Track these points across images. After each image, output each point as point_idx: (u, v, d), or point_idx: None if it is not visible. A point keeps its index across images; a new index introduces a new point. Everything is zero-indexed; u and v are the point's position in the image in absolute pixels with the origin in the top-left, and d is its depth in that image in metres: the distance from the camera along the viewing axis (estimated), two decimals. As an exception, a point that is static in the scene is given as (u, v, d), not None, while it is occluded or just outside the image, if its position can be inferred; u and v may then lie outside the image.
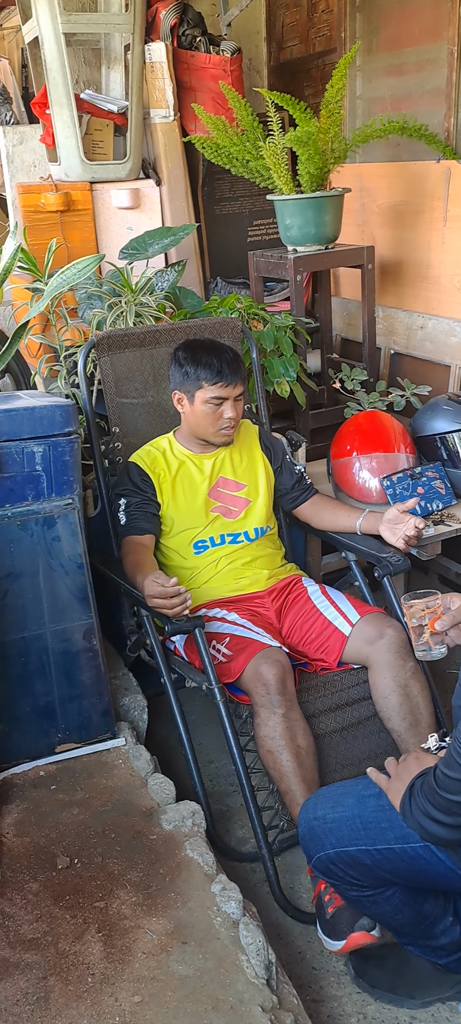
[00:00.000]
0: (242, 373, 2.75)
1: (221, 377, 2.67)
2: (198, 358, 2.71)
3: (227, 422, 2.71)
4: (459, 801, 1.57)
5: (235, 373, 2.70)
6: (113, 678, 2.79)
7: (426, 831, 1.66)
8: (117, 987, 1.74)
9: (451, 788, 1.58)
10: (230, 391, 2.69)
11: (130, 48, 4.00)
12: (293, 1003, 1.83)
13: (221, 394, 2.68)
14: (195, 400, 2.71)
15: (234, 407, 2.72)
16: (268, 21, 4.99)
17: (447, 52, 3.52)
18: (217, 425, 2.72)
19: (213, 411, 2.70)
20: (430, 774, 1.66)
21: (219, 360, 2.69)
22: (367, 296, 3.71)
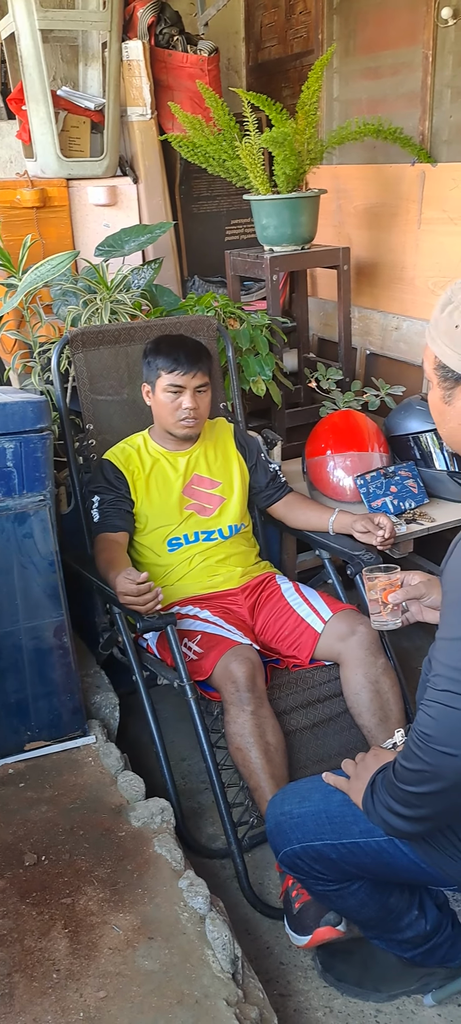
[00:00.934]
0: (204, 365, 2.76)
1: (178, 365, 2.69)
2: (159, 349, 2.74)
3: (185, 412, 2.72)
4: (418, 792, 1.58)
5: (193, 363, 2.71)
6: (85, 676, 2.79)
7: (389, 825, 1.67)
8: (82, 983, 1.75)
9: (409, 780, 1.59)
10: (188, 380, 2.70)
11: (107, 45, 3.99)
12: (258, 997, 1.84)
13: (177, 382, 2.69)
14: (156, 389, 2.74)
15: (194, 398, 2.72)
16: (247, 21, 5.00)
17: (422, 56, 3.54)
18: (176, 416, 2.73)
19: (171, 400, 2.72)
20: (390, 768, 1.67)
21: (177, 350, 2.72)
22: (343, 297, 3.73)
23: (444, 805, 1.58)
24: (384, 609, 2.14)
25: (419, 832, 1.70)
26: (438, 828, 1.71)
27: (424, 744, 1.53)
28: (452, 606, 1.55)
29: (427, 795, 1.56)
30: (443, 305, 1.63)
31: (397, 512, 3.04)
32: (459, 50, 3.40)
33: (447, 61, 3.47)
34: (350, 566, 2.73)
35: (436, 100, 3.55)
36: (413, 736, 1.56)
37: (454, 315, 1.59)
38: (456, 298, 1.60)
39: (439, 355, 1.62)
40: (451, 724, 1.49)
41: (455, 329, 1.58)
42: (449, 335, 1.59)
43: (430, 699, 1.53)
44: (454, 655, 1.50)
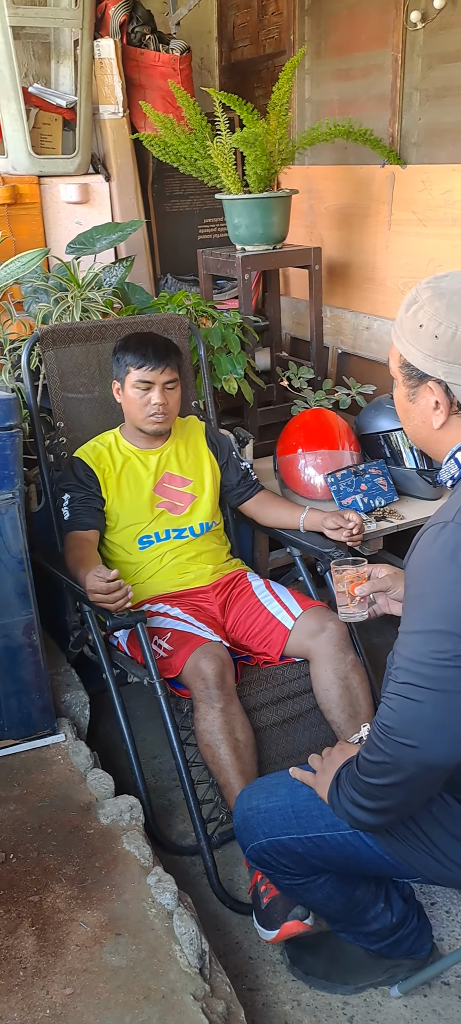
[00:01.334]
0: (173, 361, 2.77)
1: (146, 361, 2.70)
2: (128, 345, 2.76)
3: (155, 408, 2.72)
4: (380, 784, 1.60)
5: (162, 359, 2.71)
6: (55, 674, 2.79)
7: (352, 818, 1.69)
8: (49, 980, 1.75)
9: (371, 772, 1.60)
10: (156, 376, 2.70)
11: (79, 43, 3.99)
12: (226, 991, 1.85)
13: (146, 378, 2.70)
14: (125, 386, 2.75)
15: (163, 394, 2.73)
16: (219, 21, 5.01)
17: (392, 59, 3.57)
18: (145, 412, 2.73)
19: (141, 396, 2.72)
20: (353, 762, 1.69)
21: (146, 346, 2.73)
22: (314, 296, 3.75)
23: (405, 796, 1.60)
24: (351, 602, 2.18)
25: (382, 824, 1.71)
26: (401, 820, 1.73)
27: (385, 736, 1.54)
28: (412, 600, 1.56)
29: (388, 787, 1.58)
30: (408, 304, 1.65)
31: (367, 510, 3.07)
32: (428, 53, 3.43)
33: (416, 64, 3.50)
34: (320, 563, 2.75)
35: (405, 103, 3.58)
36: (375, 728, 1.58)
37: (418, 315, 1.61)
38: (420, 298, 1.62)
39: (404, 353, 1.65)
40: (411, 716, 1.51)
41: (419, 328, 1.60)
42: (413, 334, 1.62)
43: (391, 691, 1.55)
44: (414, 648, 1.52)
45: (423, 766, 1.53)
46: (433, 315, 1.59)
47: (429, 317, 1.59)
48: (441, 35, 3.35)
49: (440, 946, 2.24)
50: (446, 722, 1.50)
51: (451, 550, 1.49)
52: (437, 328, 1.58)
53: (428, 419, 1.66)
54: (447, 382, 1.59)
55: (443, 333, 1.57)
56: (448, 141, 3.40)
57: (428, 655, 1.50)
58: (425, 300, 1.61)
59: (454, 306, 1.57)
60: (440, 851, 1.75)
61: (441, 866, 1.76)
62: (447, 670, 1.48)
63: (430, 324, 1.59)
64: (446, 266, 3.37)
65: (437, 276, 1.66)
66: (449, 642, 1.48)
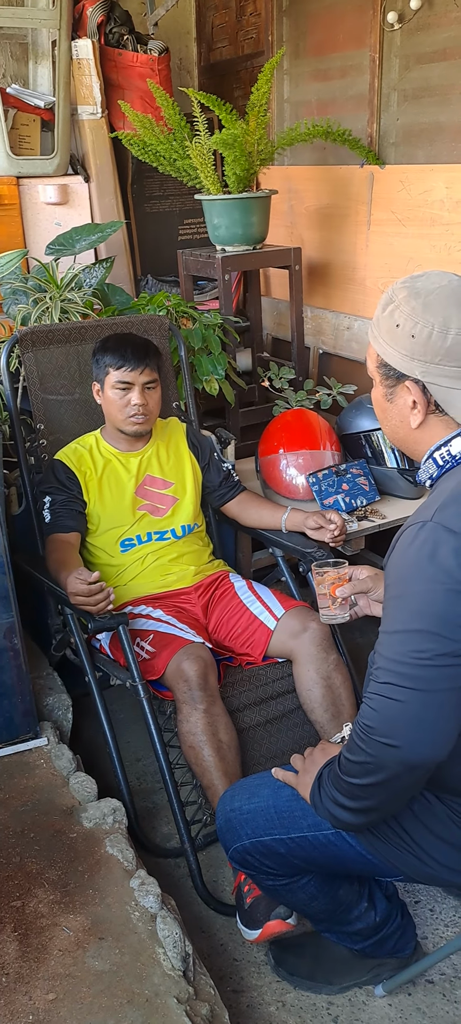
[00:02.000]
0: (152, 361, 2.76)
1: (125, 361, 2.69)
2: (107, 346, 2.75)
3: (134, 409, 2.72)
4: (362, 784, 1.60)
5: (141, 359, 2.71)
6: (37, 678, 2.78)
7: (335, 818, 1.69)
8: (31, 985, 1.74)
9: (353, 772, 1.61)
10: (135, 376, 2.70)
11: (57, 44, 3.98)
12: (209, 993, 1.85)
13: (125, 378, 2.70)
14: (105, 387, 2.74)
15: (143, 394, 2.72)
16: (198, 22, 5.01)
17: (369, 59, 3.58)
18: (125, 412, 2.73)
19: (120, 397, 2.72)
20: (335, 762, 1.69)
21: (124, 346, 2.72)
22: (295, 297, 3.75)
23: (388, 796, 1.60)
24: (332, 603, 2.18)
25: (364, 824, 1.72)
26: (383, 819, 1.74)
27: (367, 736, 1.54)
28: (392, 600, 1.56)
29: (370, 786, 1.58)
30: (384, 304, 1.65)
31: (349, 509, 3.07)
32: (405, 54, 3.44)
33: (393, 65, 3.51)
34: (303, 563, 2.75)
35: (383, 103, 3.58)
36: (356, 728, 1.58)
37: (395, 314, 1.61)
38: (396, 297, 1.63)
39: (381, 353, 1.65)
40: (392, 715, 1.51)
41: (396, 328, 1.61)
42: (390, 334, 1.62)
43: (372, 691, 1.55)
44: (394, 648, 1.52)
45: (405, 765, 1.53)
46: (409, 315, 1.59)
47: (406, 317, 1.59)
48: (418, 35, 3.36)
49: (424, 944, 2.24)
50: (427, 721, 1.51)
51: (430, 549, 1.50)
52: (413, 328, 1.58)
53: (406, 419, 1.66)
54: (424, 382, 1.60)
55: (419, 333, 1.57)
56: (426, 141, 3.41)
57: (409, 655, 1.50)
58: (401, 300, 1.61)
59: (430, 305, 1.58)
60: (422, 849, 1.76)
61: (423, 864, 1.77)
62: (428, 669, 1.49)
63: (407, 324, 1.59)
64: (425, 266, 3.39)
65: (413, 276, 1.67)
66: (429, 641, 1.48)
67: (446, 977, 2.17)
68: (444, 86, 3.28)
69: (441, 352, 1.56)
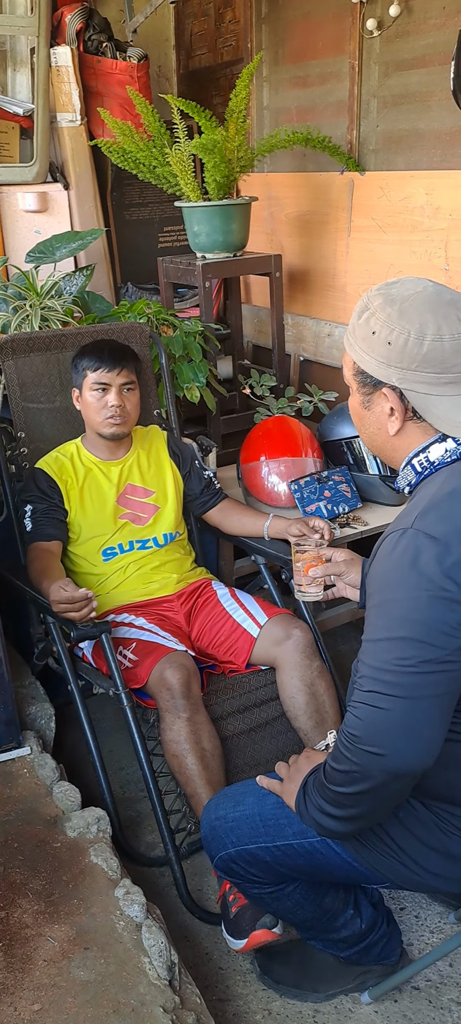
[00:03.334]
0: (129, 363, 2.76)
1: (102, 363, 2.70)
2: (84, 350, 2.76)
3: (112, 411, 2.71)
4: (347, 793, 1.60)
5: (117, 360, 2.71)
6: (19, 687, 2.76)
7: (321, 826, 1.68)
8: (16, 996, 1.72)
9: (339, 781, 1.60)
10: (112, 377, 2.70)
11: (36, 51, 3.97)
12: (196, 1003, 1.84)
13: (102, 380, 2.70)
14: (83, 390, 2.74)
15: (120, 396, 2.72)
16: (177, 29, 5.02)
17: (349, 66, 3.59)
18: (102, 415, 2.72)
19: (98, 399, 2.72)
20: (320, 770, 1.69)
21: (101, 349, 2.74)
22: (275, 304, 3.76)
23: (374, 804, 1.60)
24: (305, 581, 2.23)
25: (350, 832, 1.71)
26: (369, 827, 1.73)
27: (352, 745, 1.54)
28: (375, 608, 1.56)
29: (356, 795, 1.58)
30: (360, 311, 1.65)
31: (331, 516, 3.07)
32: (384, 61, 3.46)
33: (373, 71, 3.53)
34: (285, 571, 2.74)
35: (363, 109, 3.60)
36: (341, 737, 1.58)
37: (370, 321, 1.61)
38: (372, 304, 1.62)
39: (357, 361, 1.64)
40: (377, 724, 1.51)
41: (372, 335, 1.60)
42: (366, 341, 1.61)
43: (357, 700, 1.55)
44: (378, 656, 1.52)
45: (391, 774, 1.53)
46: (385, 322, 1.58)
47: (381, 324, 1.59)
48: (397, 43, 3.38)
49: (409, 951, 2.24)
50: (412, 729, 1.50)
51: (411, 556, 1.49)
52: (390, 335, 1.57)
53: (383, 426, 1.66)
54: (401, 388, 1.59)
55: (396, 339, 1.57)
56: (405, 147, 3.43)
57: (392, 662, 1.49)
58: (377, 307, 1.61)
59: (405, 312, 1.57)
60: (408, 856, 1.75)
61: (409, 871, 1.77)
62: (412, 676, 1.48)
63: (383, 331, 1.58)
64: (406, 272, 3.40)
65: (388, 283, 1.66)
66: (413, 648, 1.48)
67: (432, 983, 2.17)
68: (423, 93, 3.30)
69: (417, 358, 1.56)
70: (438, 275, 3.24)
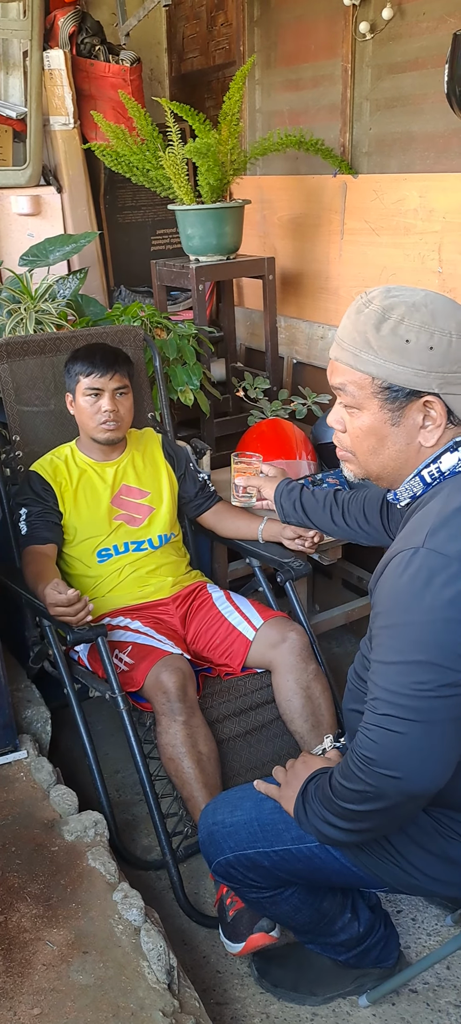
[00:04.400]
0: (122, 367, 2.76)
1: (94, 368, 2.69)
2: (77, 355, 2.75)
3: (105, 416, 2.71)
4: (358, 810, 1.59)
5: (110, 365, 2.71)
6: (15, 690, 2.76)
7: (323, 835, 1.68)
8: (15, 1001, 1.72)
9: (350, 799, 1.59)
10: (105, 382, 2.70)
11: (28, 54, 3.96)
12: (195, 1006, 1.84)
13: (95, 385, 2.69)
14: (76, 395, 2.74)
15: (113, 400, 2.72)
16: (169, 32, 5.02)
17: (341, 69, 3.60)
18: (96, 420, 2.72)
19: (91, 404, 2.71)
20: (326, 783, 1.68)
21: (94, 354, 2.73)
22: (268, 306, 3.76)
23: (386, 820, 1.60)
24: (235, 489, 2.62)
25: (355, 842, 1.72)
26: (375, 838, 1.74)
27: (367, 767, 1.53)
28: (386, 630, 1.54)
29: (369, 812, 1.58)
30: (377, 324, 1.55)
31: (325, 518, 3.07)
32: (377, 64, 3.47)
33: (366, 74, 3.54)
34: (280, 573, 2.75)
35: (356, 112, 3.61)
36: (353, 758, 1.56)
37: (399, 330, 1.53)
38: (393, 314, 1.54)
39: (385, 376, 1.54)
40: (393, 747, 1.50)
41: (406, 344, 1.52)
42: (399, 352, 1.53)
43: (370, 723, 1.53)
44: (392, 679, 1.50)
45: (406, 795, 1.53)
46: (421, 327, 1.51)
47: (416, 330, 1.51)
48: (390, 45, 3.39)
49: (407, 954, 2.24)
50: (430, 752, 1.50)
51: (425, 578, 1.47)
52: (430, 339, 1.51)
53: (413, 440, 1.59)
54: (441, 394, 1.54)
55: (438, 343, 1.51)
56: (399, 150, 3.44)
57: (409, 686, 1.47)
58: (402, 314, 1.53)
59: (437, 314, 1.52)
60: (407, 861, 1.76)
61: (408, 876, 1.77)
62: (429, 701, 1.47)
63: (421, 336, 1.51)
64: (399, 274, 3.41)
65: (388, 291, 1.59)
66: (430, 672, 1.46)
67: (429, 986, 2.18)
68: (416, 95, 3.31)
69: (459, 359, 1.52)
70: (432, 278, 3.25)
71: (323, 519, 2.45)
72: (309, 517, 2.47)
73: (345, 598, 3.68)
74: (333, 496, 2.40)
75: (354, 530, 2.36)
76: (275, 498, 2.52)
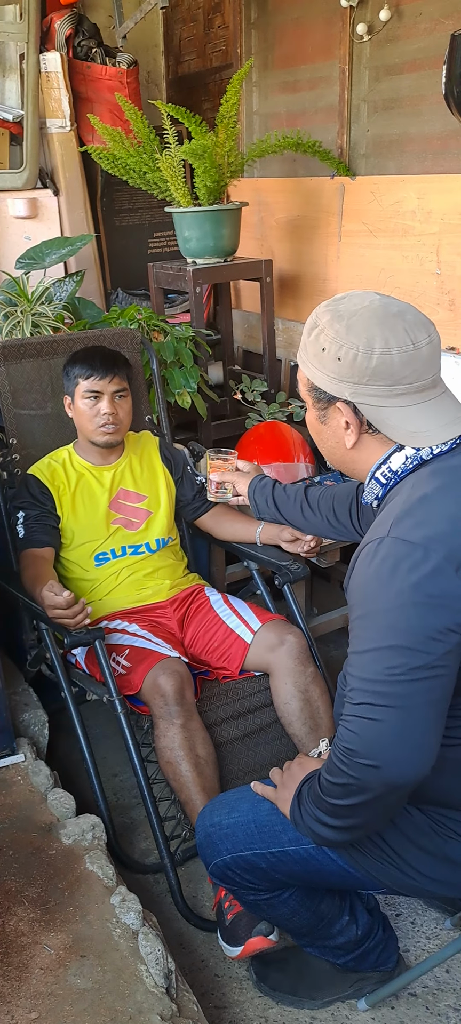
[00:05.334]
0: (121, 370, 2.75)
1: (93, 370, 2.69)
2: (76, 358, 2.75)
3: (104, 419, 2.71)
4: (345, 805, 1.59)
5: (109, 368, 2.70)
6: (13, 694, 2.75)
7: (317, 835, 1.68)
8: (13, 1005, 1.71)
9: (335, 793, 1.60)
10: (104, 385, 2.69)
11: (25, 57, 3.96)
12: (193, 1010, 1.83)
13: (94, 387, 2.69)
14: (75, 398, 2.73)
15: (112, 403, 2.71)
16: (166, 35, 5.02)
17: (339, 71, 3.60)
18: (95, 423, 2.71)
19: (90, 407, 2.71)
20: (315, 781, 1.68)
21: (93, 356, 2.72)
22: (266, 309, 3.76)
23: (372, 814, 1.60)
24: (210, 484, 2.59)
25: (348, 841, 1.71)
26: (367, 835, 1.73)
27: (348, 759, 1.53)
28: (359, 620, 1.56)
29: (354, 806, 1.58)
30: (310, 329, 1.67)
31: (323, 520, 3.07)
32: (374, 65, 3.47)
33: (363, 76, 3.54)
34: (278, 576, 2.74)
35: (353, 114, 3.61)
36: (336, 752, 1.57)
37: (320, 338, 1.62)
38: (320, 322, 1.64)
39: (311, 377, 1.66)
40: (372, 736, 1.50)
41: (323, 352, 1.62)
42: (317, 357, 1.63)
43: (349, 714, 1.54)
44: (366, 667, 1.52)
45: (389, 785, 1.53)
46: (334, 338, 1.60)
47: (330, 340, 1.60)
48: (387, 47, 3.39)
49: (406, 957, 2.23)
50: (408, 738, 1.50)
51: (391, 565, 1.50)
52: (339, 350, 1.59)
53: (340, 439, 1.68)
54: (354, 402, 1.61)
55: (345, 355, 1.58)
56: (396, 152, 3.44)
57: (382, 672, 1.49)
58: (325, 324, 1.62)
59: (353, 327, 1.59)
60: (405, 862, 1.75)
61: (406, 876, 1.76)
62: (402, 685, 1.48)
63: (332, 347, 1.60)
64: (397, 276, 3.41)
65: (335, 298, 1.68)
66: (402, 656, 1.47)
67: (429, 990, 2.17)
68: (414, 97, 3.31)
69: (367, 372, 1.58)
70: (430, 279, 3.25)
71: (294, 514, 2.50)
72: (281, 512, 2.50)
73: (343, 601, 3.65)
74: (304, 492, 2.46)
75: (323, 526, 2.43)
76: (249, 494, 2.55)
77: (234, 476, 2.53)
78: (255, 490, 2.54)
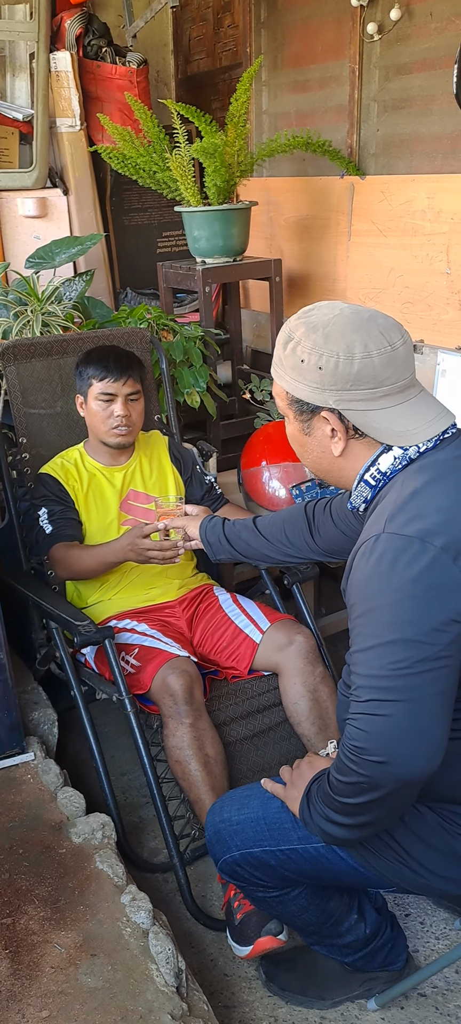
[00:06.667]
0: (135, 372, 2.75)
1: (108, 372, 2.68)
2: (90, 358, 2.74)
3: (118, 420, 2.71)
4: (354, 802, 1.59)
5: (124, 370, 2.70)
6: (22, 692, 2.75)
7: (327, 834, 1.68)
8: (24, 1003, 1.71)
9: (345, 792, 1.60)
10: (118, 387, 2.69)
11: (35, 56, 3.96)
12: (203, 1009, 1.83)
13: (108, 390, 2.69)
14: (88, 399, 2.73)
15: (126, 405, 2.72)
16: (175, 34, 5.02)
17: (349, 70, 3.59)
18: (108, 424, 2.72)
19: (103, 409, 2.71)
20: (324, 779, 1.68)
21: (107, 358, 2.72)
22: (275, 308, 3.75)
23: (383, 811, 1.60)
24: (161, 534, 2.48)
25: (358, 839, 1.71)
26: (377, 833, 1.73)
27: (358, 757, 1.53)
28: (360, 618, 1.56)
29: (365, 804, 1.58)
30: (284, 343, 1.67)
31: (332, 520, 3.07)
32: (385, 65, 3.46)
33: (373, 75, 3.53)
34: (287, 576, 2.74)
35: (363, 114, 3.60)
36: (345, 750, 1.57)
37: (297, 351, 1.63)
38: (295, 334, 1.65)
39: (291, 391, 1.67)
40: (380, 732, 1.50)
41: (301, 364, 1.62)
42: (297, 370, 1.64)
43: (357, 712, 1.54)
44: (371, 664, 1.52)
45: (399, 781, 1.52)
46: (312, 348, 1.61)
47: (309, 351, 1.61)
48: (398, 46, 3.38)
49: (415, 957, 2.23)
50: (416, 732, 1.50)
51: (389, 559, 1.50)
52: (319, 360, 1.60)
53: (327, 448, 1.68)
54: (339, 409, 1.62)
55: (326, 364, 1.59)
56: (406, 151, 3.43)
57: (387, 667, 1.49)
58: (301, 336, 1.64)
59: (330, 336, 1.60)
60: (414, 860, 1.75)
61: (415, 874, 1.76)
62: (409, 678, 1.48)
63: (311, 357, 1.61)
64: (407, 276, 3.40)
65: (304, 311, 1.69)
66: (406, 650, 1.48)
67: (438, 990, 2.17)
68: (424, 96, 3.30)
69: (350, 378, 1.58)
70: (440, 279, 3.24)
71: (246, 547, 2.38)
72: (234, 548, 2.38)
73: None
74: (254, 522, 2.37)
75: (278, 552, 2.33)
76: (201, 536, 2.45)
77: (184, 520, 2.46)
78: (206, 531, 2.44)
